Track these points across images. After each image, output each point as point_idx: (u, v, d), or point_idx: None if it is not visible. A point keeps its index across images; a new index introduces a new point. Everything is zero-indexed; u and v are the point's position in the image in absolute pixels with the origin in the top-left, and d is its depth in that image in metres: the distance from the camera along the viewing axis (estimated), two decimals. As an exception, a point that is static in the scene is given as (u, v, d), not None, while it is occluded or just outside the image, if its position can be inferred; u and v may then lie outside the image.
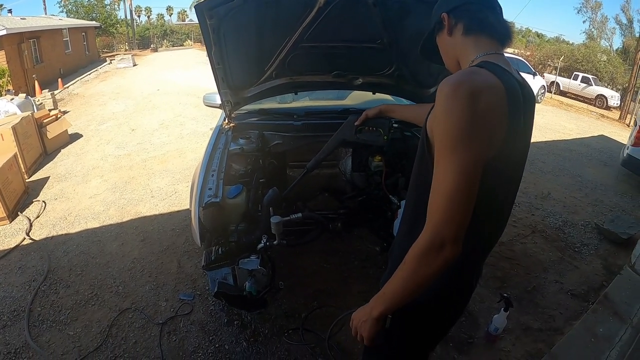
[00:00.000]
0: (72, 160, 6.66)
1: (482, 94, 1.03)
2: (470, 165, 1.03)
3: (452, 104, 1.03)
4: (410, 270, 1.10)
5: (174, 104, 10.96)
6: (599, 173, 7.20)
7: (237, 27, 2.39)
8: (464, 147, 1.02)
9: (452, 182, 1.03)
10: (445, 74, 2.86)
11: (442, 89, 1.06)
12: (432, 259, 1.05)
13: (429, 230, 1.06)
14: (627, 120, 15.41)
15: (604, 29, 33.24)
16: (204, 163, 2.68)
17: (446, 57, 1.38)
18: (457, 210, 1.03)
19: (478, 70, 1.10)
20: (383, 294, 1.18)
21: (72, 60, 20.61)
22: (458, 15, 1.27)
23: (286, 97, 3.55)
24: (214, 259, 2.31)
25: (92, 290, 3.37)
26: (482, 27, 1.26)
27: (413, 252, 1.09)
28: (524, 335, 3.03)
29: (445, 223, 1.04)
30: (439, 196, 1.05)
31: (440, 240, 1.04)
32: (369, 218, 3.17)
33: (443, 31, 1.31)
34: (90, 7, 33.90)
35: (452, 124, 1.03)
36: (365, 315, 1.23)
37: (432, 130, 1.13)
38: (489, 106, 1.04)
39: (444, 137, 1.05)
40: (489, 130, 1.05)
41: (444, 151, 1.05)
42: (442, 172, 1.05)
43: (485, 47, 1.24)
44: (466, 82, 1.05)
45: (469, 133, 1.02)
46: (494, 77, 1.07)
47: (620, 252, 4.35)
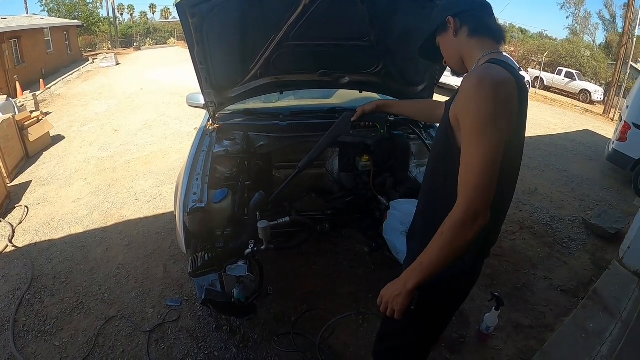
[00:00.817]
0: (55, 163, 6.53)
1: (502, 85, 1.21)
2: (497, 144, 1.19)
3: (480, 93, 1.20)
4: (448, 239, 1.23)
5: (158, 103, 10.84)
6: (584, 168, 7.26)
7: (220, 26, 2.34)
8: (492, 129, 1.19)
9: (483, 159, 1.18)
10: (432, 72, 2.87)
11: (469, 82, 1.24)
12: (467, 228, 1.20)
13: (464, 203, 1.21)
14: (611, 114, 15.62)
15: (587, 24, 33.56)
16: (187, 166, 2.62)
17: (450, 55, 1.53)
18: (488, 184, 1.19)
19: (494, 66, 1.26)
20: (419, 265, 1.30)
21: (54, 60, 20.25)
22: (463, 19, 1.43)
23: (271, 97, 3.49)
24: (200, 265, 2.24)
25: (78, 298, 3.29)
26: (485, 30, 1.43)
27: (450, 223, 1.23)
28: (515, 333, 3.03)
29: (478, 196, 1.19)
30: (471, 172, 1.20)
31: (475, 210, 1.19)
32: (357, 218, 3.13)
33: (448, 32, 1.47)
34: (72, 5, 33.33)
35: (482, 110, 1.19)
36: (398, 289, 1.34)
37: (456, 119, 1.29)
38: (507, 95, 1.22)
39: (474, 122, 1.21)
40: (507, 115, 1.22)
41: (475, 133, 1.21)
42: (474, 151, 1.20)
43: (488, 47, 1.40)
44: (489, 75, 1.22)
45: (495, 117, 1.19)
46: (507, 72, 1.24)
47: (608, 246, 4.38)
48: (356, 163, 3.16)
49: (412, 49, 2.67)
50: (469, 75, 1.28)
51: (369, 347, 2.76)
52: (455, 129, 1.32)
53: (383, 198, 2.93)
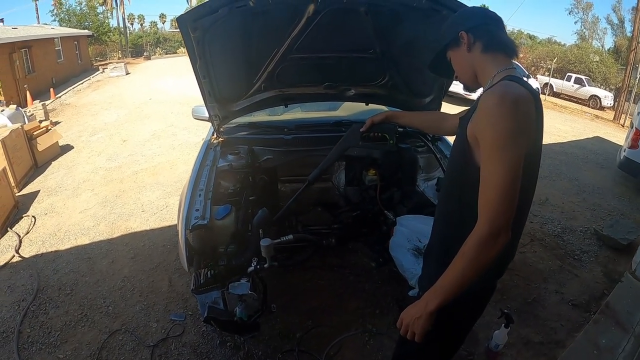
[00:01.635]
0: (63, 173, 6.55)
1: (521, 103, 1.22)
2: (518, 160, 1.20)
3: (501, 111, 1.21)
4: (469, 259, 1.23)
5: (166, 113, 10.87)
6: (595, 176, 7.15)
7: (222, 39, 2.32)
8: (512, 146, 1.19)
9: (505, 177, 1.19)
10: (440, 83, 2.82)
11: (489, 100, 1.25)
12: (490, 246, 1.21)
13: (485, 221, 1.21)
14: (621, 120, 15.46)
15: (596, 29, 33.38)
16: (190, 181, 2.59)
17: (462, 71, 1.51)
18: (509, 201, 1.20)
19: (511, 83, 1.26)
20: (440, 287, 1.30)
21: (65, 69, 20.47)
22: (477, 34, 1.42)
23: (277, 109, 3.45)
24: (203, 282, 2.21)
25: (82, 310, 3.28)
26: (498, 46, 1.42)
27: (472, 242, 1.23)
28: (525, 350, 2.96)
29: (500, 213, 1.20)
30: (493, 191, 1.20)
31: (497, 229, 1.20)
32: (363, 233, 3.09)
33: (461, 47, 1.45)
34: (83, 15, 33.78)
35: (502, 128, 1.20)
36: (419, 311, 1.33)
37: (474, 138, 1.29)
38: (526, 112, 1.23)
39: (495, 140, 1.21)
40: (527, 132, 1.24)
41: (496, 151, 1.21)
42: (495, 169, 1.20)
43: (501, 63, 1.40)
44: (509, 93, 1.22)
45: (515, 135, 1.20)
46: (524, 89, 1.26)
47: (620, 258, 4.29)
48: (363, 177, 3.13)
49: (418, 60, 2.66)
50: (488, 93, 1.27)
51: (375, 365, 2.73)
52: (474, 147, 1.31)
53: (390, 213, 2.88)
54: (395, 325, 1.44)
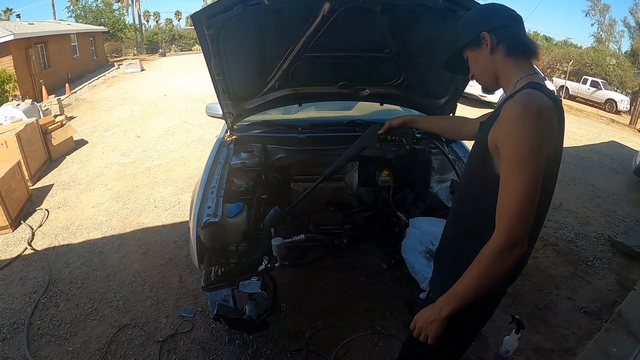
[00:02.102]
0: (77, 168, 6.62)
1: (544, 113, 1.21)
2: (539, 173, 1.20)
3: (523, 122, 1.20)
4: (485, 268, 1.24)
5: (181, 109, 10.91)
6: (610, 181, 7.05)
7: (237, 37, 2.31)
8: (534, 158, 1.19)
9: (525, 189, 1.18)
10: (455, 84, 2.80)
11: (512, 109, 1.23)
12: (505, 257, 1.21)
13: (502, 232, 1.21)
14: (637, 125, 15.24)
15: (612, 32, 32.89)
16: (203, 179, 2.59)
17: (483, 73, 1.47)
18: (528, 212, 1.20)
19: (534, 92, 1.24)
20: (454, 293, 1.32)
21: (80, 65, 20.61)
22: (500, 36, 1.37)
23: (290, 108, 3.44)
24: (213, 280, 2.20)
25: (92, 304, 3.31)
26: (521, 49, 1.39)
27: (488, 252, 1.23)
28: (535, 357, 2.93)
29: (518, 225, 1.20)
30: (512, 202, 1.20)
31: (514, 240, 1.20)
32: (375, 234, 3.07)
33: (482, 48, 1.41)
34: (99, 12, 33.94)
35: (525, 139, 1.19)
36: (433, 315, 1.35)
37: (495, 146, 1.27)
38: (549, 122, 1.22)
39: (517, 150, 1.20)
40: (549, 142, 1.23)
41: (517, 162, 1.20)
42: (515, 180, 1.20)
43: (525, 68, 1.38)
44: (533, 104, 1.21)
45: (538, 146, 1.19)
46: (547, 98, 1.24)
47: (634, 265, 4.23)
48: (376, 177, 3.11)
49: (434, 61, 2.63)
50: (511, 103, 1.25)
51: (384, 367, 2.72)
52: (494, 155, 1.30)
53: (402, 214, 2.86)
54: (406, 327, 1.45)
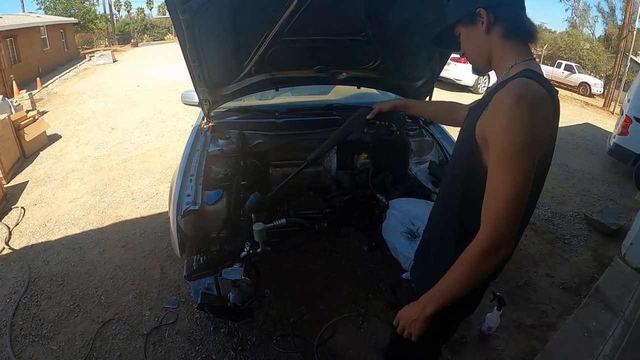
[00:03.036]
0: (51, 163, 6.46)
1: (539, 107, 1.11)
2: (530, 171, 1.12)
3: (516, 116, 1.09)
4: (469, 269, 1.19)
5: (155, 100, 10.75)
6: (585, 162, 7.21)
7: (212, 22, 2.27)
8: (525, 156, 1.10)
9: (514, 189, 1.11)
10: (431, 67, 2.81)
11: (504, 100, 1.12)
12: (490, 258, 1.16)
13: (487, 232, 1.15)
14: (611, 107, 15.58)
15: (587, 17, 33.31)
16: (181, 167, 2.56)
17: (476, 53, 1.37)
18: (516, 214, 1.13)
19: (529, 82, 1.14)
20: (438, 292, 1.28)
21: (51, 58, 20.08)
22: (499, 14, 1.26)
23: (267, 94, 3.42)
24: (195, 269, 2.19)
25: (74, 301, 3.25)
26: (520, 32, 1.28)
27: (472, 253, 1.18)
28: (517, 333, 2.99)
29: (504, 226, 1.13)
30: (499, 201, 1.13)
31: (499, 241, 1.14)
32: (356, 217, 3.08)
33: (477, 26, 1.29)
34: (69, 3, 33.12)
35: (516, 136, 1.09)
36: (416, 313, 1.33)
37: (484, 138, 1.18)
38: (543, 117, 1.12)
39: (507, 147, 1.11)
40: (543, 139, 1.14)
41: (507, 160, 1.11)
42: (503, 178, 1.12)
43: (522, 52, 1.27)
44: (527, 96, 1.10)
45: (530, 143, 1.10)
46: (542, 89, 1.13)
47: (610, 242, 4.34)
48: (355, 161, 3.11)
49: (410, 43, 2.66)
50: (503, 93, 1.14)
51: (369, 348, 2.75)
52: (482, 147, 1.21)
53: (382, 196, 2.88)
54: (389, 308, 1.43)
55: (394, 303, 3.07)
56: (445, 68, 2.42)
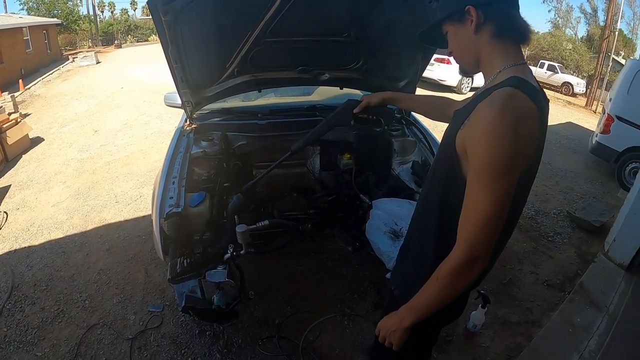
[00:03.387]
0: (34, 167, 6.37)
1: (523, 123, 1.03)
2: (509, 190, 1.06)
3: (497, 132, 1.03)
4: (444, 285, 1.17)
5: (138, 101, 10.64)
6: (568, 160, 7.31)
7: (194, 23, 2.25)
8: (505, 175, 1.05)
9: (490, 208, 1.06)
10: (414, 67, 2.82)
11: (486, 114, 1.06)
12: (465, 274, 1.13)
13: (462, 250, 1.11)
14: (593, 106, 15.85)
15: (569, 18, 33.74)
16: (164, 169, 2.54)
17: (462, 52, 1.29)
18: (492, 233, 1.08)
19: (515, 93, 1.06)
20: (415, 305, 1.26)
21: (34, 59, 19.78)
22: (489, 13, 1.18)
23: (250, 95, 3.41)
24: (179, 272, 2.17)
25: (59, 306, 3.21)
26: (511, 32, 1.20)
27: (446, 269, 1.15)
28: (503, 330, 3.02)
29: (479, 245, 1.09)
30: (475, 219, 1.08)
31: (474, 257, 1.10)
32: (340, 217, 3.09)
33: (465, 25, 1.21)
34: (52, 3, 32.68)
35: (496, 153, 1.03)
36: (395, 325, 1.31)
37: (464, 149, 1.12)
38: (528, 133, 1.05)
39: (485, 164, 1.05)
40: (526, 155, 1.08)
41: (484, 177, 1.06)
42: (480, 197, 1.07)
43: (512, 56, 1.20)
44: (510, 111, 1.03)
45: (510, 162, 1.04)
46: (530, 101, 1.07)
47: (593, 239, 4.40)
48: (338, 161, 3.12)
49: (393, 44, 2.67)
50: (487, 104, 1.08)
51: (355, 348, 2.76)
52: (462, 157, 1.14)
53: (366, 197, 2.89)
54: (374, 308, 1.42)
55: (379, 302, 3.08)
56: (429, 68, 2.39)
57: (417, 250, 1.44)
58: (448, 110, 1.66)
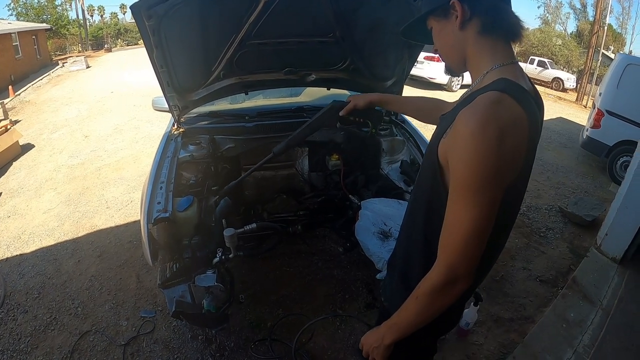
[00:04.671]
0: (25, 174, 6.32)
1: (509, 134, 0.94)
2: (493, 204, 0.98)
3: (479, 145, 0.94)
4: (423, 304, 1.11)
5: (129, 106, 10.59)
6: (559, 155, 7.35)
7: (179, 27, 2.24)
8: (488, 190, 0.97)
9: (472, 224, 0.99)
10: (401, 66, 2.82)
11: (467, 124, 0.96)
12: (445, 294, 1.07)
13: (442, 268, 1.05)
14: (583, 101, 15.96)
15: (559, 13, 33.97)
16: (152, 174, 2.53)
17: (447, 50, 1.20)
18: (474, 251, 1.02)
19: (501, 98, 0.97)
20: (395, 323, 1.21)
21: (23, 65, 19.64)
22: (476, 8, 1.08)
23: (238, 97, 3.38)
24: (169, 277, 2.17)
25: (51, 313, 3.19)
26: (501, 28, 1.10)
27: (425, 288, 1.10)
28: (496, 327, 3.02)
29: (461, 263, 1.03)
30: (455, 238, 1.02)
31: (455, 277, 1.04)
32: (330, 218, 3.09)
33: (450, 20, 1.12)
34: (41, 8, 32.52)
35: (478, 168, 0.95)
36: (377, 341, 1.26)
37: (445, 159, 1.05)
38: (514, 143, 0.96)
39: (466, 178, 0.98)
40: (512, 167, 0.99)
41: (466, 193, 0.99)
42: (461, 213, 1.00)
43: (501, 54, 1.10)
44: (494, 121, 0.94)
45: (494, 176, 0.96)
46: (518, 107, 0.97)
47: (585, 234, 4.43)
48: (326, 162, 3.11)
49: (379, 43, 2.67)
50: (469, 112, 0.98)
51: (347, 349, 2.75)
52: (445, 168, 1.07)
53: (355, 197, 2.88)
54: (366, 308, 1.38)
55: (371, 303, 3.09)
56: (419, 66, 2.36)
57: (404, 261, 1.38)
58: (437, 112, 1.55)
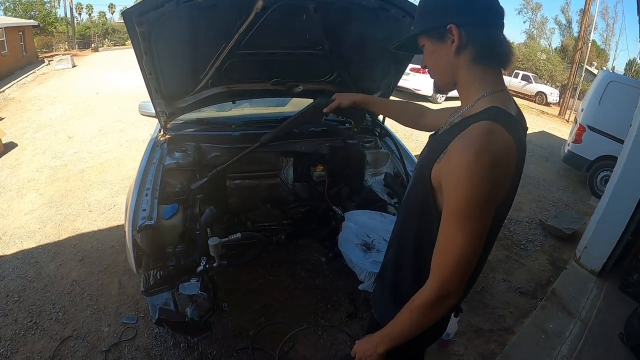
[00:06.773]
0: (7, 173, 6.24)
1: (500, 163, 1.01)
2: (484, 228, 1.05)
3: (474, 175, 0.99)
4: (417, 317, 1.17)
5: (114, 108, 10.50)
6: (541, 169, 7.47)
7: (169, 34, 2.24)
8: (480, 215, 1.03)
9: (465, 244, 1.04)
10: (387, 80, 2.86)
11: (462, 155, 1.01)
12: (437, 308, 1.13)
13: (435, 285, 1.11)
14: (566, 116, 16.27)
15: (544, 29, 34.64)
16: (137, 181, 2.52)
17: (439, 72, 1.22)
18: (465, 269, 1.08)
19: (493, 129, 1.02)
20: (389, 332, 1.26)
21: (8, 62, 19.34)
22: (473, 36, 1.10)
23: (225, 105, 3.37)
24: (152, 284, 2.17)
25: (31, 318, 3.14)
26: (493, 57, 1.14)
27: (419, 302, 1.15)
28: (476, 337, 3.06)
29: (453, 279, 1.09)
30: (448, 258, 1.08)
31: (447, 292, 1.10)
32: (313, 228, 3.11)
33: (445, 44, 1.13)
34: (29, 4, 32.10)
35: (471, 195, 1.01)
36: (370, 350, 1.30)
37: (438, 182, 1.10)
38: (505, 172, 1.03)
39: (460, 205, 1.03)
40: (503, 192, 1.06)
41: (460, 217, 1.04)
42: (455, 236, 1.05)
43: (492, 81, 1.15)
44: (487, 152, 0.99)
45: (486, 202, 1.02)
46: (508, 135, 1.02)
47: (565, 247, 4.51)
48: (311, 173, 3.13)
49: (366, 57, 2.71)
50: (463, 143, 1.03)
51: (329, 358, 2.77)
52: (437, 190, 1.12)
53: (338, 208, 2.91)
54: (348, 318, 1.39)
55: (353, 312, 3.12)
56: (405, 78, 2.40)
57: (394, 275, 1.42)
58: (423, 119, 1.70)
